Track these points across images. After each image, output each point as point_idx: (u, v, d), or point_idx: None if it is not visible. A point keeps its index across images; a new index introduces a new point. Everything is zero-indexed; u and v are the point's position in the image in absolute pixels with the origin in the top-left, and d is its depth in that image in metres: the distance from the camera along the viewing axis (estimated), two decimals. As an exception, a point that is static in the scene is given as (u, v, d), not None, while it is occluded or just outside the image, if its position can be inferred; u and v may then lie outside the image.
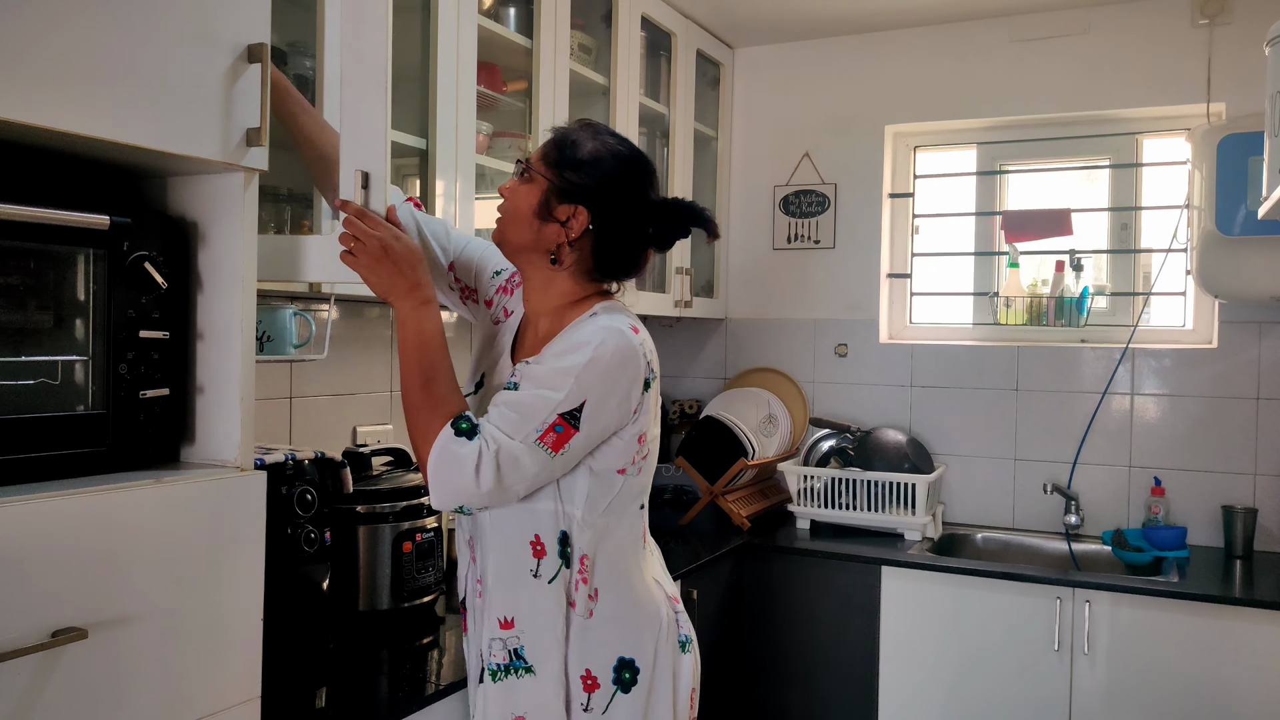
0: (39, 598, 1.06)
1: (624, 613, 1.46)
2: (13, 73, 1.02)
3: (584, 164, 1.45)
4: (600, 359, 1.37)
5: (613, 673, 1.44)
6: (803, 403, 3.35)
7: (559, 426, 1.35)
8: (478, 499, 1.35)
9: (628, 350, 1.39)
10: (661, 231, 1.51)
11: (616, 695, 1.44)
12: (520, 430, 1.34)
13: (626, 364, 1.39)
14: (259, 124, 1.27)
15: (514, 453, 1.34)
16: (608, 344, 1.38)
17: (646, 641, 1.47)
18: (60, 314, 1.23)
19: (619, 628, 1.46)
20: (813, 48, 3.39)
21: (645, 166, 1.51)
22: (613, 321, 1.42)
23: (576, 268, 1.49)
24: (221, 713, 1.26)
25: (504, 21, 2.35)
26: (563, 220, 1.45)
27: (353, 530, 1.88)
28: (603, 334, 1.39)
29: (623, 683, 1.45)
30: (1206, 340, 2.95)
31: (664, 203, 1.51)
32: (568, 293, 1.50)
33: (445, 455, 1.34)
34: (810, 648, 2.76)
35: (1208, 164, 2.67)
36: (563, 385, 1.36)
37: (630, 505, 1.48)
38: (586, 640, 1.44)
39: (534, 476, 1.37)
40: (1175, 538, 2.73)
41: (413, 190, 2.20)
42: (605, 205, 1.45)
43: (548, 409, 1.35)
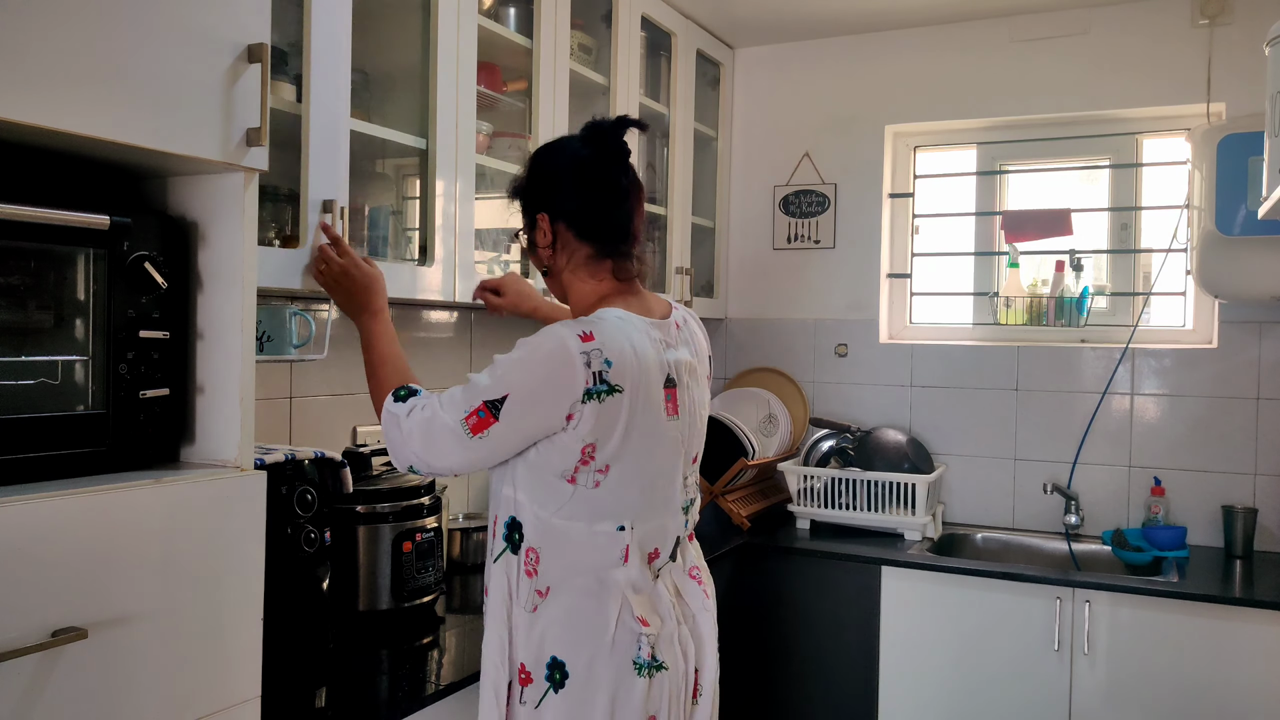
0: (39, 598, 1.06)
1: (567, 618, 1.44)
2: (13, 73, 1.02)
3: (525, 183, 1.57)
4: (526, 359, 1.41)
5: (545, 669, 1.44)
6: (803, 403, 3.35)
7: (481, 412, 1.40)
8: (411, 457, 1.46)
9: (560, 355, 1.38)
10: (600, 162, 1.52)
11: (548, 693, 1.44)
12: (455, 408, 1.42)
13: (556, 369, 1.38)
14: (259, 124, 1.27)
15: (443, 423, 1.42)
16: (542, 346, 1.40)
17: (582, 652, 1.44)
18: (60, 314, 1.23)
19: (559, 630, 1.44)
20: (813, 48, 3.39)
21: (554, 145, 1.60)
22: (569, 327, 1.41)
23: (576, 263, 1.54)
24: (221, 713, 1.27)
25: (504, 21, 2.35)
26: (538, 239, 1.55)
27: (353, 530, 1.88)
28: (545, 336, 1.41)
29: (554, 681, 1.44)
30: (1206, 340, 2.95)
31: (583, 137, 1.54)
32: (585, 293, 1.55)
33: (385, 417, 1.50)
34: (810, 648, 2.76)
35: (1208, 164, 2.67)
36: (493, 375, 1.42)
37: (598, 522, 1.45)
38: (530, 633, 1.46)
39: (457, 452, 1.43)
40: (1175, 538, 2.73)
41: (413, 190, 2.20)
42: (548, 193, 1.53)
43: (477, 394, 1.41)
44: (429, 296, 2.04)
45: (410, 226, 2.20)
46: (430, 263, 2.04)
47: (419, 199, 2.13)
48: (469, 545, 2.41)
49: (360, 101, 1.93)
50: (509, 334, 2.80)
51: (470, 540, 2.40)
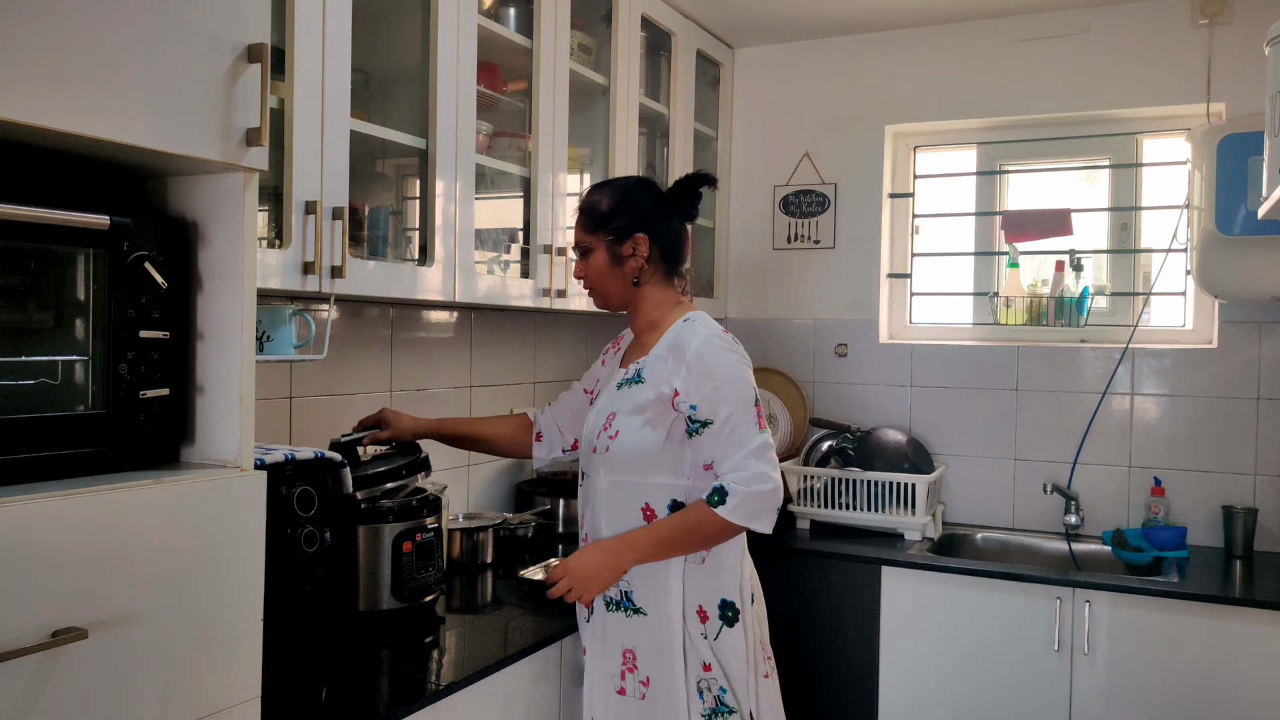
0: (39, 598, 1.06)
1: (726, 568, 1.83)
2: (13, 73, 1.02)
3: (617, 210, 1.88)
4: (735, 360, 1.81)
5: (718, 609, 1.81)
6: (803, 403, 3.35)
7: (760, 411, 1.79)
8: (776, 494, 1.76)
9: (734, 347, 1.83)
10: (685, 206, 1.93)
11: (723, 628, 1.81)
12: (751, 433, 1.76)
13: (743, 356, 1.83)
14: (259, 124, 1.27)
15: (764, 443, 1.77)
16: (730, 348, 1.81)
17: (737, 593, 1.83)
18: (60, 314, 1.23)
19: (725, 576, 1.82)
20: (812, 48, 3.39)
21: (646, 179, 1.99)
22: (710, 329, 1.83)
23: (655, 278, 1.90)
24: (221, 713, 1.27)
25: (504, 21, 2.35)
26: (631, 253, 1.87)
27: (353, 530, 1.88)
28: (721, 341, 1.81)
29: (727, 619, 1.81)
30: (1206, 340, 2.95)
31: (676, 187, 1.92)
32: (660, 302, 1.91)
33: (739, 516, 1.73)
34: (810, 648, 2.76)
35: (1208, 164, 2.67)
36: (732, 387, 1.77)
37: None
38: (698, 583, 1.80)
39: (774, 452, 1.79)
40: (1175, 538, 2.73)
41: (413, 190, 2.20)
42: (648, 220, 1.88)
43: (748, 407, 1.77)
44: (429, 296, 2.04)
45: (410, 226, 2.20)
46: (430, 263, 2.04)
47: (419, 199, 2.13)
48: (469, 545, 2.41)
49: (360, 101, 1.93)
50: (510, 335, 2.81)
51: (470, 540, 2.40)
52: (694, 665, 1.80)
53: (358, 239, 2.01)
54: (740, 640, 1.82)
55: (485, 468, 2.73)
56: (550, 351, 3.01)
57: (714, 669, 1.80)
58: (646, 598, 1.81)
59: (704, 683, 1.80)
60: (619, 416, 1.83)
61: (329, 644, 1.78)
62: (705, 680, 1.80)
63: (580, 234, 1.91)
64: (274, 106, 1.69)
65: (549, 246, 2.41)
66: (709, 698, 1.80)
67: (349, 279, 1.80)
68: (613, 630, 1.84)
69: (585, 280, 1.92)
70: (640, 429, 1.80)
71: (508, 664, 1.81)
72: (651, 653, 1.81)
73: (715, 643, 1.80)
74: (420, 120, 2.05)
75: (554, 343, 3.03)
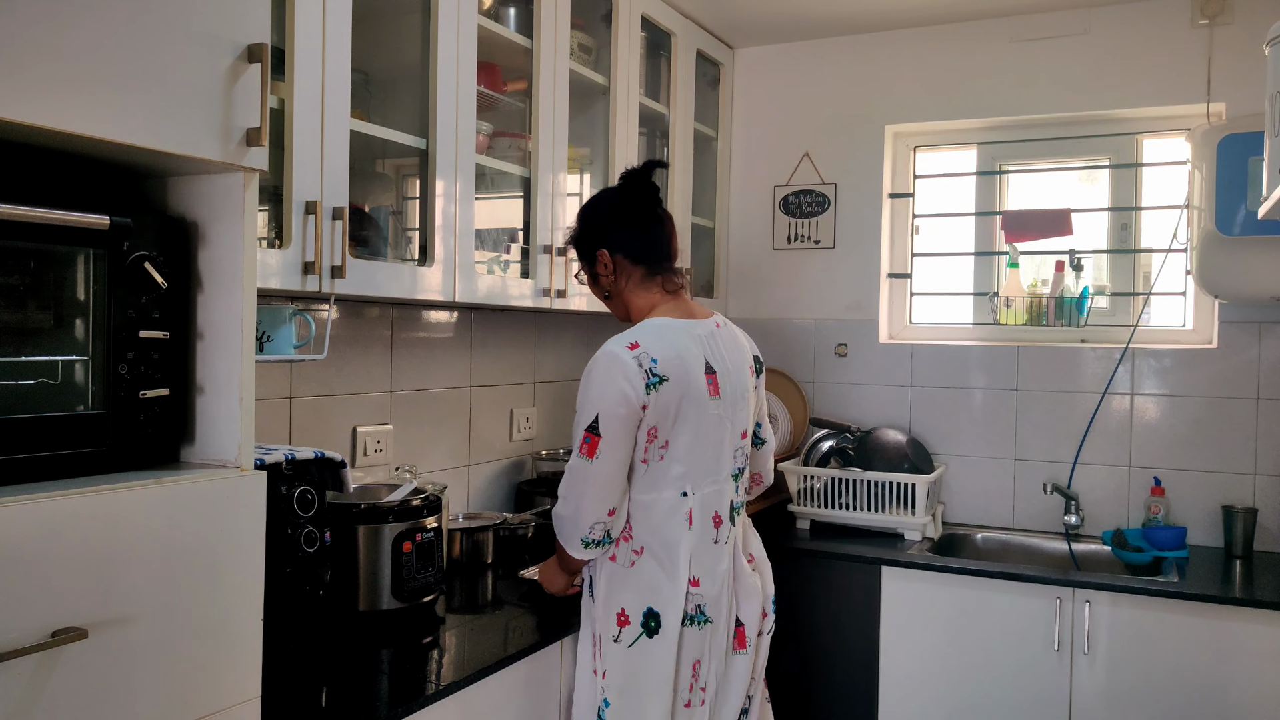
0: (39, 598, 1.06)
1: (653, 576, 1.80)
2: (13, 72, 1.02)
3: (581, 233, 1.96)
4: (597, 379, 1.75)
5: (642, 616, 1.78)
6: (803, 403, 3.35)
7: (587, 438, 1.74)
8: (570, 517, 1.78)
9: (614, 365, 1.75)
10: (640, 199, 1.90)
11: (640, 636, 1.78)
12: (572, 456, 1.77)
13: (619, 376, 1.74)
14: (259, 124, 1.27)
15: (569, 468, 1.77)
16: (599, 363, 1.76)
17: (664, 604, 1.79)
18: (60, 314, 1.23)
19: (649, 584, 1.80)
20: (813, 48, 3.39)
21: (602, 192, 2.00)
22: (617, 342, 1.77)
23: (633, 283, 1.91)
24: (221, 713, 1.26)
25: (504, 21, 2.35)
26: (600, 270, 1.92)
27: (353, 530, 1.88)
28: (600, 356, 1.76)
29: (648, 628, 1.78)
30: (1206, 340, 2.95)
31: (624, 183, 1.92)
32: (640, 308, 1.92)
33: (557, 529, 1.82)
34: (810, 648, 2.76)
35: (1208, 164, 2.67)
36: (581, 408, 1.76)
37: (665, 489, 1.81)
38: (623, 585, 1.80)
39: (588, 481, 1.75)
40: (1175, 538, 2.73)
41: (413, 190, 2.20)
42: (602, 232, 1.91)
43: (579, 430, 1.75)
44: (429, 296, 2.03)
45: (410, 226, 2.20)
46: (430, 263, 2.04)
47: (419, 199, 2.13)
48: (469, 545, 2.41)
49: (360, 101, 1.93)
50: (510, 335, 2.81)
51: (470, 540, 2.40)
52: (599, 663, 1.83)
53: (358, 239, 2.02)
54: (658, 657, 1.78)
55: (485, 468, 2.73)
56: (550, 351, 3.01)
57: (607, 677, 1.79)
58: (596, 584, 1.87)
59: (597, 686, 1.83)
60: None
61: (329, 644, 1.78)
62: (599, 685, 1.82)
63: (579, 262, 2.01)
64: (274, 106, 1.69)
65: (549, 246, 2.41)
66: (596, 700, 1.83)
67: (349, 279, 1.80)
68: (584, 613, 1.93)
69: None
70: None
71: (508, 664, 1.81)
72: (584, 645, 1.89)
73: (628, 651, 1.78)
74: (420, 120, 2.05)
75: (554, 343, 3.03)
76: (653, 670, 1.77)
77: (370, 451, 2.33)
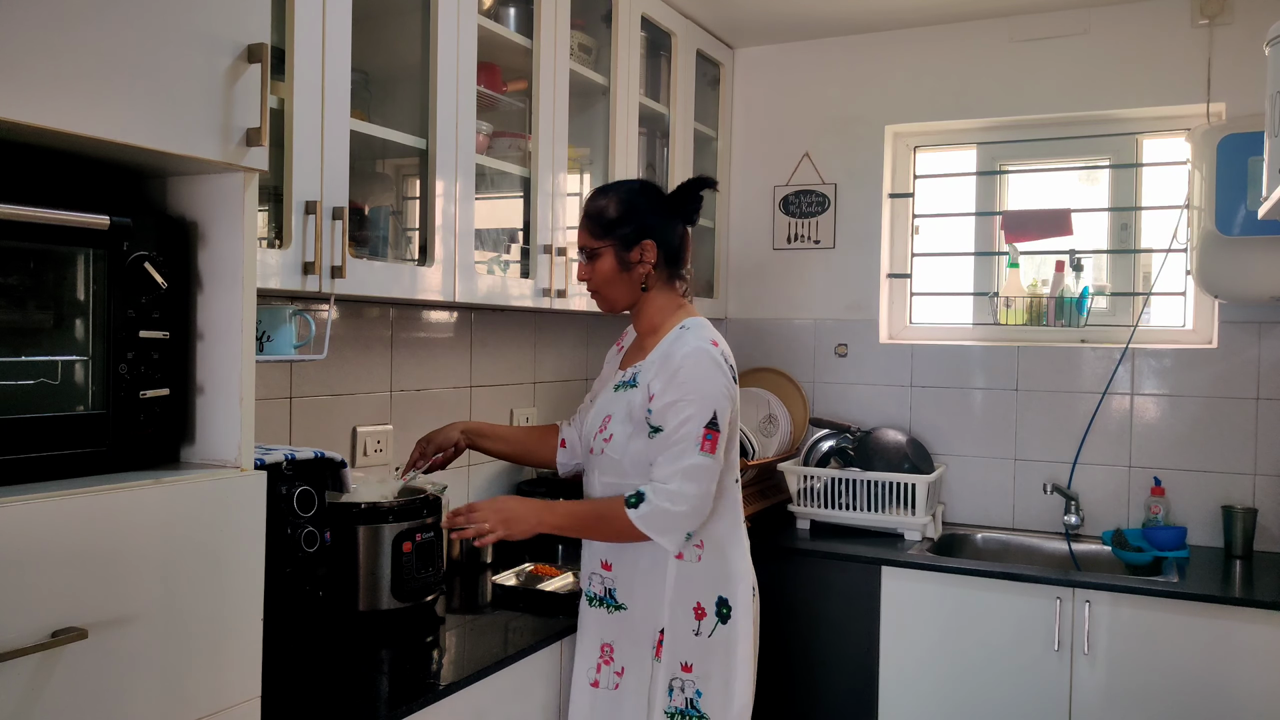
0: (39, 598, 1.06)
1: (726, 565, 1.87)
2: (13, 72, 1.02)
3: (625, 216, 1.89)
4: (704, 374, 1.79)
5: (714, 606, 1.84)
6: (803, 403, 3.35)
7: (709, 435, 1.77)
8: (691, 519, 1.77)
9: (716, 362, 1.81)
10: (687, 210, 1.95)
11: (717, 626, 1.84)
12: (687, 452, 1.76)
13: (722, 371, 1.81)
14: (259, 124, 1.27)
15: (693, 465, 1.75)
16: (701, 362, 1.80)
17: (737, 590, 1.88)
18: (60, 314, 1.23)
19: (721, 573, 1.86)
20: (813, 48, 3.39)
21: (650, 183, 1.99)
22: (701, 341, 1.82)
23: (659, 282, 1.92)
24: (221, 713, 1.26)
25: (504, 21, 2.35)
26: (639, 259, 1.89)
27: (353, 530, 1.88)
28: (698, 354, 1.80)
29: (721, 616, 1.84)
30: (1206, 340, 2.95)
31: (678, 191, 1.94)
32: (662, 307, 1.93)
33: (643, 523, 1.75)
34: (810, 648, 2.76)
35: (1208, 164, 2.67)
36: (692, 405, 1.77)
37: (727, 476, 1.87)
38: (694, 580, 1.83)
39: (712, 479, 1.78)
40: (1175, 538, 2.73)
41: (413, 190, 2.20)
42: (654, 226, 1.90)
43: (697, 426, 1.76)
44: (429, 296, 2.03)
45: (410, 226, 2.20)
46: (430, 263, 2.04)
47: (419, 199, 2.13)
48: (469, 545, 2.41)
49: (360, 101, 1.93)
50: (510, 335, 2.81)
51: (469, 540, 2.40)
52: (671, 662, 1.82)
53: (358, 239, 2.01)
54: (734, 640, 1.85)
55: (485, 468, 2.73)
56: (550, 351, 3.01)
57: (694, 670, 1.82)
58: (629, 594, 1.86)
59: (678, 682, 1.82)
60: (613, 420, 1.88)
61: (329, 644, 1.78)
62: (681, 680, 1.82)
63: (586, 238, 1.91)
64: (274, 106, 1.69)
65: (549, 246, 2.41)
66: (680, 697, 1.82)
67: (349, 279, 1.80)
68: (591, 625, 1.90)
69: (590, 284, 1.94)
70: (631, 436, 1.84)
71: (508, 664, 1.81)
72: (628, 646, 1.86)
73: (708, 640, 1.83)
74: (420, 120, 2.05)
75: (554, 343, 3.03)
76: (732, 653, 1.85)
77: (370, 451, 2.33)
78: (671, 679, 1.82)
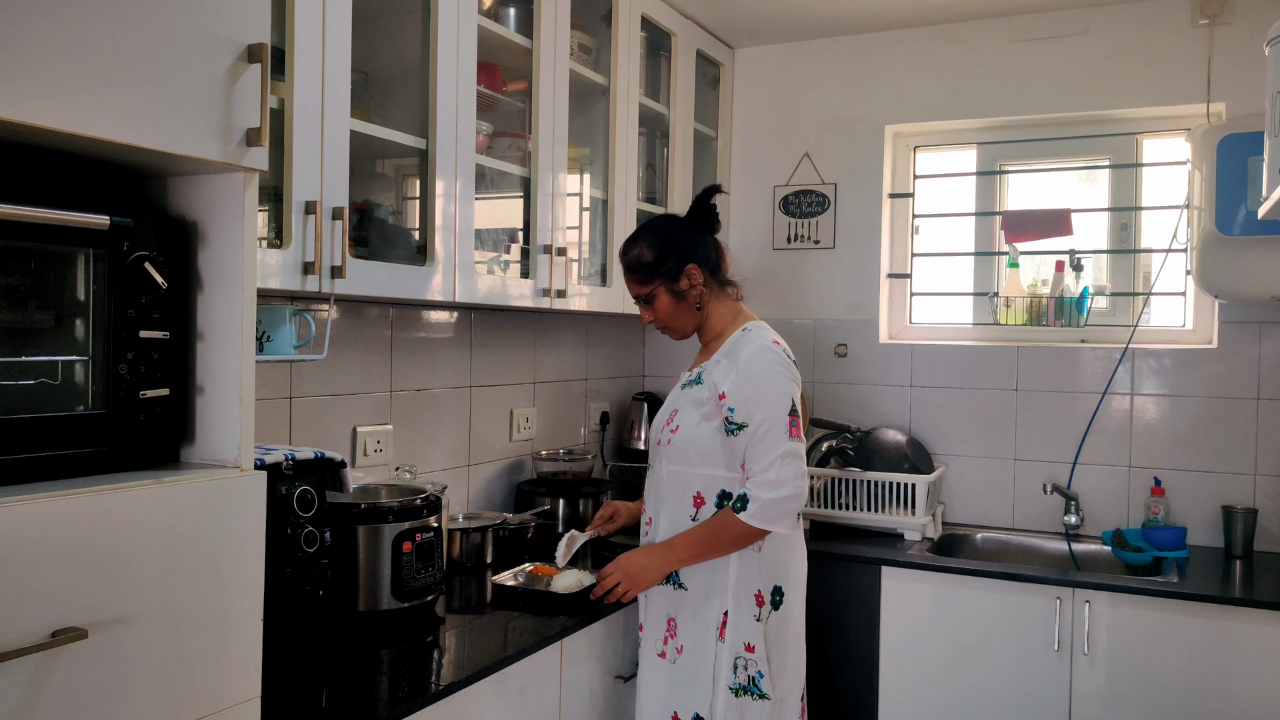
0: (39, 598, 1.06)
1: (782, 554, 2.02)
2: (14, 73, 1.02)
3: (661, 256, 2.06)
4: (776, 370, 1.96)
5: (770, 594, 1.99)
6: (803, 403, 3.34)
7: (794, 421, 1.95)
8: (797, 501, 1.94)
9: (781, 356, 1.99)
10: (708, 221, 2.11)
11: (771, 613, 1.99)
12: (779, 440, 1.92)
13: (785, 366, 1.98)
14: (259, 124, 1.27)
15: (788, 451, 1.92)
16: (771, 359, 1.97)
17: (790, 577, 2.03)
18: (60, 314, 1.23)
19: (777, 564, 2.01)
20: (812, 48, 3.39)
21: (670, 215, 2.23)
22: (764, 339, 2.00)
23: (715, 293, 2.10)
24: (221, 713, 1.27)
25: (504, 21, 2.35)
26: (689, 286, 2.06)
27: (353, 530, 1.88)
28: (765, 351, 1.97)
29: (774, 603, 2.00)
30: (1206, 340, 2.95)
31: (694, 208, 2.10)
32: (722, 315, 2.11)
33: (760, 519, 1.91)
34: (810, 647, 2.75)
35: (1208, 164, 2.67)
36: (771, 395, 1.94)
37: None
38: (756, 570, 1.98)
39: (802, 460, 1.95)
40: (1175, 538, 2.73)
41: (413, 190, 2.20)
42: (690, 250, 2.07)
43: (781, 415, 1.93)
44: (429, 296, 2.04)
45: (410, 226, 2.20)
46: (430, 263, 2.04)
47: (419, 199, 2.13)
48: (469, 545, 2.41)
49: (360, 101, 1.93)
50: (510, 335, 2.81)
51: (470, 540, 2.40)
52: (735, 642, 1.97)
53: (358, 239, 2.01)
54: (787, 623, 2.01)
55: (485, 468, 2.73)
56: (550, 351, 3.01)
57: (758, 651, 1.97)
58: (689, 575, 2.01)
59: (742, 660, 1.97)
60: (680, 412, 2.05)
61: (329, 644, 1.78)
62: (745, 659, 1.97)
63: (635, 287, 2.09)
64: (274, 106, 1.69)
65: (549, 246, 2.41)
66: (743, 675, 1.97)
67: (349, 279, 1.80)
68: (658, 601, 2.06)
69: (656, 323, 2.11)
70: (697, 424, 2.00)
71: (508, 664, 1.81)
72: (689, 622, 2.01)
73: (767, 626, 1.98)
74: (420, 120, 2.05)
75: (554, 343, 3.03)
76: (786, 637, 2.01)
77: (370, 451, 2.33)
78: (736, 658, 1.96)
